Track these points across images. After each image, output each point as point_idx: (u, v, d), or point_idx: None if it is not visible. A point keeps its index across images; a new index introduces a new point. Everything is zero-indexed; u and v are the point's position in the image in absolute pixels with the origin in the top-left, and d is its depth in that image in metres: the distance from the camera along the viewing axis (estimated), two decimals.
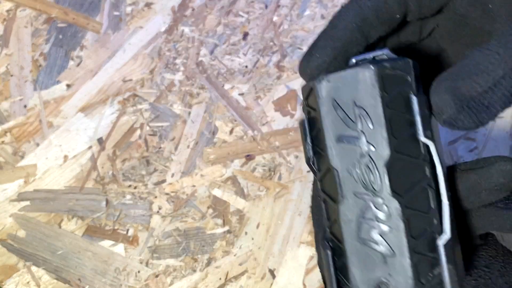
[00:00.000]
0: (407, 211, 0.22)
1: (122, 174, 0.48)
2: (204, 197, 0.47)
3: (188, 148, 0.49)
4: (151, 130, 0.49)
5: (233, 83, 0.51)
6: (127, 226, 0.46)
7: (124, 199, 0.47)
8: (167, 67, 0.52)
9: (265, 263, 0.44)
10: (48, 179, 0.47)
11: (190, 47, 0.53)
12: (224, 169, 0.48)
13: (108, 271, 0.44)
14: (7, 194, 0.47)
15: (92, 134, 0.49)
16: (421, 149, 0.22)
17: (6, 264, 0.44)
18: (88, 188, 0.47)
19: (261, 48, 0.53)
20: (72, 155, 0.48)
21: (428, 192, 0.22)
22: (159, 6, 0.55)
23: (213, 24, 0.54)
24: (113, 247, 0.45)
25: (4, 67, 0.52)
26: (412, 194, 0.22)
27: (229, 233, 0.45)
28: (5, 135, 0.49)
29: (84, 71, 0.52)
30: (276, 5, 0.55)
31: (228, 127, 0.50)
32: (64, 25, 0.54)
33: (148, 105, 0.50)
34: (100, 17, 0.54)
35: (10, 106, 0.50)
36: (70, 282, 0.44)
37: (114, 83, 0.51)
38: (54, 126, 0.49)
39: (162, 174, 0.48)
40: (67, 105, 0.50)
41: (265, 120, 0.50)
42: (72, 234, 0.45)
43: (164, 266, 0.44)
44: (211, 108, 0.50)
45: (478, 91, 0.20)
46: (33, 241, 0.45)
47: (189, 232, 0.46)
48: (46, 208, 0.46)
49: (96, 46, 0.53)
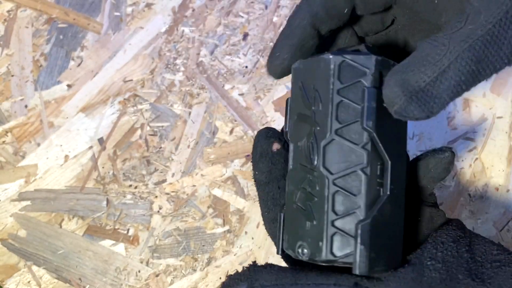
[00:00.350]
0: (333, 188, 0.24)
1: (122, 174, 0.48)
2: (204, 197, 0.47)
3: (188, 148, 0.49)
4: (151, 130, 0.50)
5: (233, 83, 0.51)
6: (128, 225, 0.46)
7: (125, 199, 0.47)
8: (168, 67, 0.52)
9: (265, 262, 0.44)
10: (49, 179, 0.48)
11: (190, 47, 0.53)
12: (224, 169, 0.48)
13: (109, 271, 0.44)
14: (8, 194, 0.47)
15: (93, 134, 0.49)
16: (364, 137, 0.24)
17: (7, 264, 0.45)
18: (89, 188, 0.47)
19: (261, 48, 0.53)
20: (73, 155, 0.48)
21: (361, 177, 0.24)
22: (159, 7, 0.55)
23: (213, 24, 0.54)
24: (114, 246, 0.45)
25: (5, 67, 0.52)
26: (342, 175, 0.24)
27: (229, 233, 0.46)
28: (6, 135, 0.49)
29: (85, 71, 0.52)
30: (276, 5, 0.55)
31: (228, 127, 0.50)
32: (65, 25, 0.54)
33: (148, 105, 0.50)
34: (100, 17, 0.54)
35: (11, 106, 0.50)
36: (70, 282, 0.44)
37: (115, 83, 0.51)
38: (55, 126, 0.50)
39: (163, 174, 0.48)
40: (68, 105, 0.50)
41: (265, 120, 0.50)
42: (73, 234, 0.46)
43: (164, 265, 0.45)
44: (211, 108, 0.50)
45: (425, 82, 0.21)
46: (33, 240, 0.45)
47: (189, 232, 0.46)
48: (46, 208, 0.46)
49: (97, 46, 0.53)
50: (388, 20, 0.29)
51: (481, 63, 0.21)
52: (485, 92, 0.51)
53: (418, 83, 0.21)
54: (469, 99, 0.51)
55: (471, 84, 0.21)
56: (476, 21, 0.21)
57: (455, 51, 0.21)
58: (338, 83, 0.24)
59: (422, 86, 0.21)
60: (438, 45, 0.22)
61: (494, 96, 0.51)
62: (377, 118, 0.24)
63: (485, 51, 0.21)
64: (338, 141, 0.24)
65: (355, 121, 0.24)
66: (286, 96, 0.51)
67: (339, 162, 0.24)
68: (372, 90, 0.24)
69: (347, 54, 0.24)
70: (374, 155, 0.24)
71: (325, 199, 0.24)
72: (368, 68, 0.24)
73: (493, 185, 0.48)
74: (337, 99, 0.24)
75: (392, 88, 0.22)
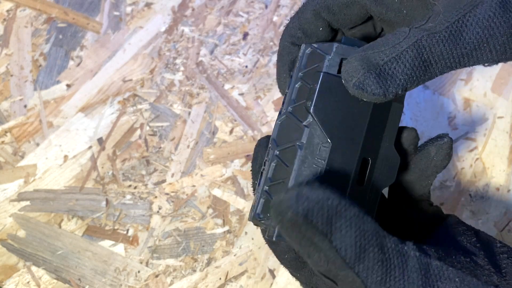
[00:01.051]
0: (275, 158, 0.27)
1: (122, 174, 0.48)
2: (204, 197, 0.47)
3: (188, 148, 0.49)
4: (151, 130, 0.49)
5: (233, 83, 0.51)
6: (127, 226, 0.46)
7: (124, 199, 0.47)
8: (167, 67, 0.52)
9: (265, 263, 0.44)
10: (48, 179, 0.47)
11: (190, 47, 0.53)
12: (224, 169, 0.48)
13: (108, 271, 0.44)
14: (7, 194, 0.47)
15: (92, 134, 0.49)
16: (308, 117, 0.26)
17: (6, 264, 0.44)
18: (88, 188, 0.47)
19: (261, 48, 0.53)
20: (72, 155, 0.48)
21: (296, 152, 0.25)
22: (159, 6, 0.55)
23: (213, 24, 0.54)
24: (113, 247, 0.45)
25: (4, 67, 0.52)
26: (284, 148, 0.27)
27: (229, 233, 0.45)
28: (5, 135, 0.49)
29: (84, 71, 0.52)
30: (276, 5, 0.55)
31: (228, 127, 0.50)
32: (64, 25, 0.54)
33: (148, 105, 0.50)
34: (100, 17, 0.54)
35: (10, 106, 0.50)
36: (70, 282, 0.44)
37: (114, 83, 0.51)
38: (54, 126, 0.49)
39: (162, 174, 0.48)
40: (67, 105, 0.50)
41: (265, 120, 0.50)
42: (72, 234, 0.45)
43: (164, 266, 0.44)
44: (211, 108, 0.50)
45: (384, 60, 0.23)
46: (33, 241, 0.45)
47: (189, 232, 0.46)
48: (46, 208, 0.46)
49: (96, 46, 0.53)
50: (378, 28, 0.31)
51: (435, 56, 0.23)
52: (486, 92, 0.51)
53: (377, 61, 0.23)
54: (470, 99, 0.51)
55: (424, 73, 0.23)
56: (435, 20, 0.23)
57: (413, 37, 0.23)
58: (302, 68, 0.27)
59: (381, 63, 0.23)
60: (399, 32, 0.24)
61: (495, 96, 0.50)
62: (318, 99, 0.25)
63: (440, 45, 0.23)
64: (288, 118, 0.27)
65: (302, 102, 0.26)
66: None
67: (284, 137, 0.27)
68: (322, 74, 0.25)
69: (316, 44, 0.27)
70: (320, 135, 0.25)
71: (268, 167, 0.27)
72: (327, 53, 0.26)
73: (494, 185, 0.47)
74: (297, 82, 0.27)
75: (352, 64, 0.23)
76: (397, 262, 0.21)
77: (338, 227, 0.20)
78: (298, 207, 0.19)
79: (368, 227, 0.20)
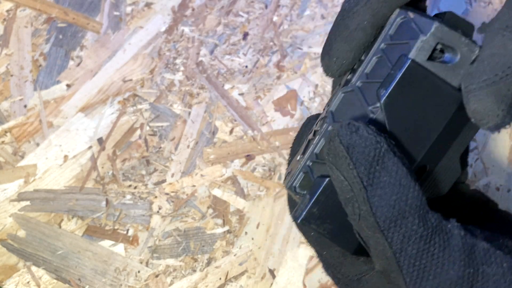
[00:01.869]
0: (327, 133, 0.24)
1: (122, 174, 0.48)
2: (204, 197, 0.47)
3: (188, 148, 0.49)
4: (151, 130, 0.49)
5: (233, 83, 0.51)
6: (127, 226, 0.46)
7: (124, 199, 0.47)
8: (167, 67, 0.52)
9: (265, 263, 0.44)
10: (48, 179, 0.47)
11: (190, 47, 0.53)
12: (224, 169, 0.48)
13: (108, 271, 0.44)
14: (7, 194, 0.47)
15: (92, 134, 0.49)
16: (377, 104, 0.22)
17: (6, 264, 0.44)
18: (88, 188, 0.47)
19: (261, 48, 0.53)
20: (72, 155, 0.48)
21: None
22: (159, 6, 0.55)
23: (213, 24, 0.54)
24: (113, 247, 0.45)
25: (4, 67, 0.52)
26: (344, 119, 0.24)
27: (229, 233, 0.45)
28: (5, 135, 0.49)
29: (84, 71, 0.52)
30: (276, 5, 0.55)
31: (228, 127, 0.50)
32: (64, 25, 0.54)
33: (148, 105, 0.50)
34: (100, 17, 0.54)
35: (10, 106, 0.50)
36: (70, 282, 0.44)
37: (114, 83, 0.51)
38: (54, 126, 0.49)
39: (162, 174, 0.48)
40: (67, 105, 0.50)
41: (265, 120, 0.50)
42: (72, 234, 0.45)
43: (164, 266, 0.44)
44: (211, 108, 0.50)
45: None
46: (33, 241, 0.45)
47: (189, 232, 0.46)
48: (46, 208, 0.46)
49: (96, 46, 0.53)
50: None
51: None
52: None
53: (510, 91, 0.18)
54: None
55: None
56: None
57: None
58: (388, 39, 0.22)
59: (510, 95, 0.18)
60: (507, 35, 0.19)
61: None
62: (395, 91, 0.21)
63: None
64: (355, 94, 0.23)
65: (378, 82, 0.22)
66: (286, 96, 0.51)
67: (346, 112, 0.23)
68: (408, 61, 0.21)
69: (414, 14, 0.22)
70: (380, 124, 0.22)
71: (318, 141, 0.23)
72: (422, 32, 0.21)
73: (494, 185, 0.47)
74: (377, 54, 0.23)
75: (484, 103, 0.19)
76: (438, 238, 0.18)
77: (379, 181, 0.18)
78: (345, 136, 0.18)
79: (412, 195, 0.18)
